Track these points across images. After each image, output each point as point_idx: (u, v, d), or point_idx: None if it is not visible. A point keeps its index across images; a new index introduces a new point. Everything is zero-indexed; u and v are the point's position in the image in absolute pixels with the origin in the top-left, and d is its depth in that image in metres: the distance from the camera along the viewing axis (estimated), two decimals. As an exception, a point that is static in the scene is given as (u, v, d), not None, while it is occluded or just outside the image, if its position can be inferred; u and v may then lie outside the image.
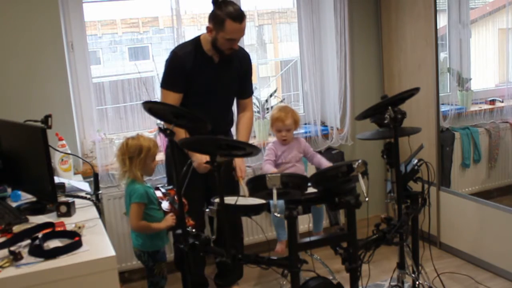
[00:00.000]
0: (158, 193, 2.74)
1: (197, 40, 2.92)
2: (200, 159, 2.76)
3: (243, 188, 3.00)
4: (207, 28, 2.81)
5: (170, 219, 2.63)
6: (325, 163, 3.17)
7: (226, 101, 3.06)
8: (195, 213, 2.75)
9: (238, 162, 2.98)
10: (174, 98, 2.85)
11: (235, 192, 3.00)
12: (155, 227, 2.62)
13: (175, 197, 2.64)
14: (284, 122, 3.11)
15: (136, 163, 2.63)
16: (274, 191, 2.08)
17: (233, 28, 2.73)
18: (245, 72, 3.05)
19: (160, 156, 3.20)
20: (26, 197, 2.60)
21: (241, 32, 2.79)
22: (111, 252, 1.89)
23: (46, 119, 2.63)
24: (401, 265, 2.71)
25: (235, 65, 2.98)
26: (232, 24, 2.72)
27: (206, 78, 2.91)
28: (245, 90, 3.10)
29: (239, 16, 2.73)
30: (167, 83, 2.90)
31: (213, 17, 2.77)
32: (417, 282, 2.65)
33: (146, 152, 2.62)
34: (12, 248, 1.86)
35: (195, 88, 2.90)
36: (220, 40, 2.78)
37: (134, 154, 2.63)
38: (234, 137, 3.13)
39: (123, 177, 2.68)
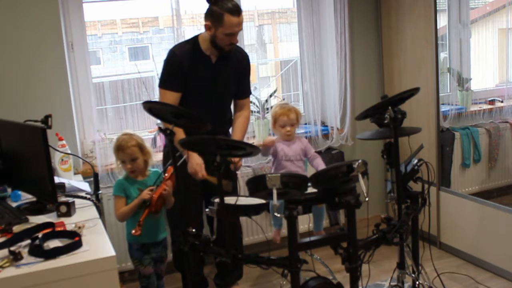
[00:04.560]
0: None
1: (195, 40, 2.92)
2: (195, 165, 2.76)
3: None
4: (205, 25, 2.81)
5: (144, 193, 2.63)
6: (322, 167, 3.17)
7: (224, 101, 3.05)
8: (193, 213, 2.74)
9: None
10: (172, 98, 2.85)
11: (233, 191, 2.99)
12: (129, 208, 2.65)
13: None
14: (289, 116, 3.14)
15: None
16: (274, 191, 2.08)
17: (231, 22, 2.74)
18: (243, 72, 3.05)
19: (159, 157, 3.19)
20: (26, 197, 2.60)
21: (240, 26, 2.79)
22: (111, 252, 1.89)
23: (46, 119, 2.63)
24: (401, 265, 2.71)
25: (233, 65, 2.98)
26: (231, 18, 2.73)
27: (203, 78, 2.90)
28: (242, 90, 3.09)
29: (237, 10, 2.75)
30: (165, 83, 2.89)
31: (210, 14, 2.78)
32: (417, 282, 2.65)
33: (116, 153, 2.72)
34: (12, 248, 1.86)
35: (192, 88, 2.89)
36: (219, 36, 2.78)
37: (114, 150, 2.75)
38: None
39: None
